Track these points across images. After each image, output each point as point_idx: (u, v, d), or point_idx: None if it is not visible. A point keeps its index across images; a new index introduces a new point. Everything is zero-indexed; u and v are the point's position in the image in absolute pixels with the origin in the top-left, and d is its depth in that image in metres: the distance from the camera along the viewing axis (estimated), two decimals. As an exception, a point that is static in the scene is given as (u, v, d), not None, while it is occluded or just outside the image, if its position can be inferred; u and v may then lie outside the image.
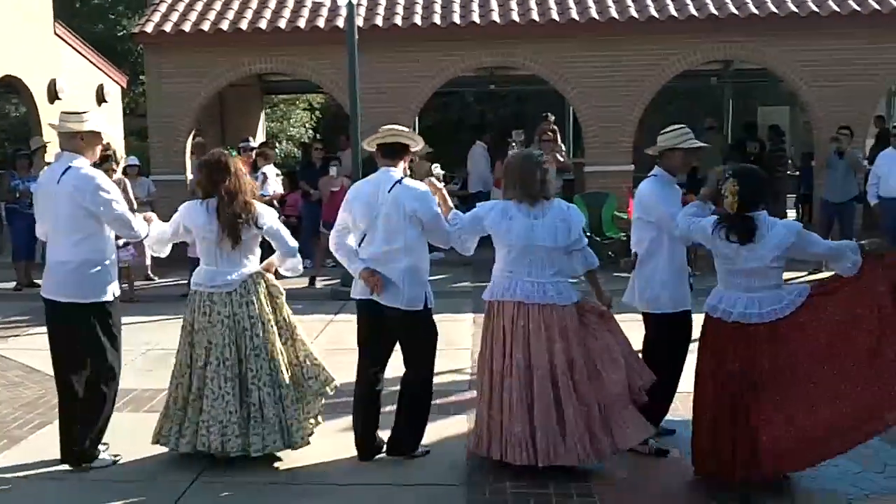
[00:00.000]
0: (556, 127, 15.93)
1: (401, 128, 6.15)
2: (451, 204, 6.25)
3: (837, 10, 14.79)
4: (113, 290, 5.96)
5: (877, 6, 14.81)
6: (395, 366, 6.14)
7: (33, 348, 9.15)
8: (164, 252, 6.48)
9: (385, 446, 6.10)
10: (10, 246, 13.52)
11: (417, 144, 6.12)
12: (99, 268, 5.86)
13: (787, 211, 19.42)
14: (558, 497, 5.39)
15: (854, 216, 13.54)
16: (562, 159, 15.29)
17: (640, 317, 6.25)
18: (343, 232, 6.11)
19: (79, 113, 5.99)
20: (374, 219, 5.84)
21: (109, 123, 22.31)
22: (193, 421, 5.90)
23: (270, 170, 13.64)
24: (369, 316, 5.98)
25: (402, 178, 5.93)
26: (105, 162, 12.33)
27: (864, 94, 15.16)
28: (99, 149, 6.20)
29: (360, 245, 5.98)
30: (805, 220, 18.73)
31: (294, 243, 6.34)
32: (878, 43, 14.93)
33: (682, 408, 6.41)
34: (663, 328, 6.07)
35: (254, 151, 12.78)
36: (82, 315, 5.81)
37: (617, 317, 5.92)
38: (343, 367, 7.29)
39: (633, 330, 6.06)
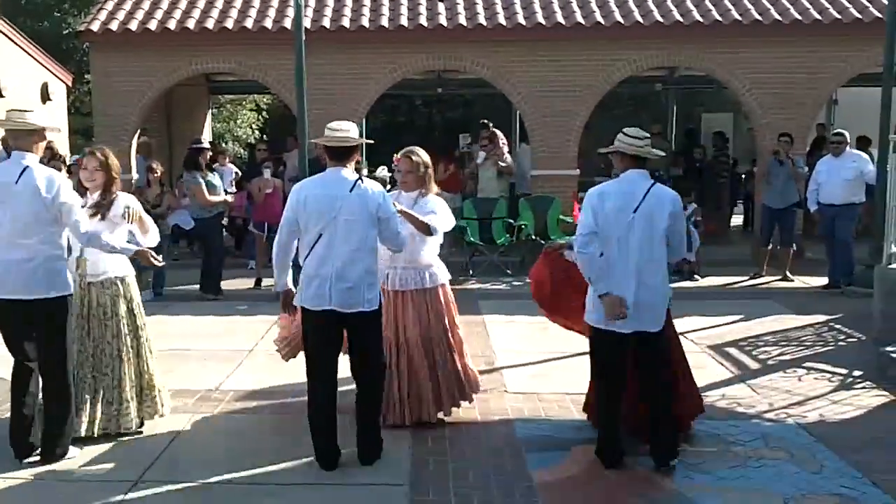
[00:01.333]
0: (494, 131, 16.06)
1: (347, 128, 5.95)
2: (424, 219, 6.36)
3: (780, 18, 15.04)
4: (71, 282, 6.05)
5: (818, 16, 15.09)
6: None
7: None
8: None
9: (360, 457, 5.94)
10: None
11: (358, 142, 6.06)
12: (61, 262, 5.97)
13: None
14: (501, 498, 5.43)
15: (794, 222, 13.76)
16: (503, 164, 15.46)
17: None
18: (293, 235, 5.92)
19: (24, 111, 6.01)
20: (332, 220, 5.70)
21: (54, 122, 22.03)
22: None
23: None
24: (324, 325, 5.81)
25: (360, 178, 5.87)
26: (53, 160, 12.19)
27: (806, 103, 15.39)
28: (44, 146, 6.27)
29: (311, 248, 5.80)
30: (744, 227, 19.08)
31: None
32: (820, 52, 15.19)
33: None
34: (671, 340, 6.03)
35: (207, 151, 12.70)
36: (47, 310, 5.88)
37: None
38: (289, 368, 7.31)
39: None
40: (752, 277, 13.59)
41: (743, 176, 19.31)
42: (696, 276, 13.45)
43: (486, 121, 16.29)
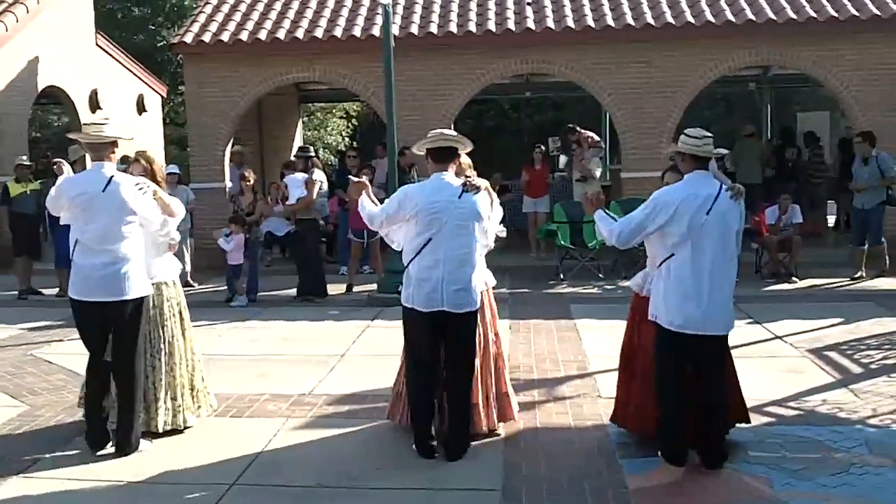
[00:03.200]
0: (581, 135, 16.02)
1: (450, 132, 6.22)
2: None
3: (878, 13, 14.63)
4: (148, 285, 6.41)
5: (918, 9, 14.63)
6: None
7: (76, 353, 9.24)
8: None
9: (448, 452, 6.07)
10: (53, 253, 13.66)
11: (466, 147, 6.28)
12: (141, 266, 6.30)
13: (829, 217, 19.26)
14: (594, 502, 5.34)
15: (880, 220, 13.35)
16: (590, 167, 15.50)
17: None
18: (389, 225, 6.24)
19: (100, 124, 6.39)
20: (443, 225, 5.93)
21: (149, 132, 22.66)
22: None
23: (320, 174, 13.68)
24: (433, 325, 6.00)
25: (465, 182, 6.09)
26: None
27: (906, 98, 14.91)
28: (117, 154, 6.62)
29: (418, 252, 5.99)
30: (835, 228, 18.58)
31: None
32: (920, 46, 14.71)
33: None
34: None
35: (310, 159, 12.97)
36: (126, 311, 6.20)
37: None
38: (381, 373, 7.34)
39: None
40: (852, 280, 13.25)
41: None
42: (794, 279, 13.14)
43: (572, 125, 16.20)
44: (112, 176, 6.19)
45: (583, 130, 16.40)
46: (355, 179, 6.56)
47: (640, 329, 6.21)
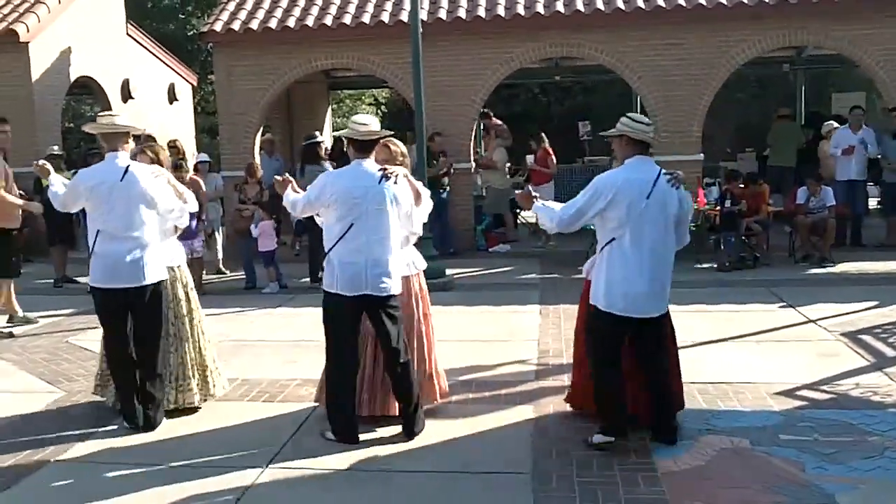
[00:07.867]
0: (489, 122, 16.13)
1: (369, 121, 6.23)
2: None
3: (914, -10, 14.39)
4: (166, 268, 6.73)
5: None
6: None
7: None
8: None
9: (406, 432, 6.27)
10: (85, 242, 13.76)
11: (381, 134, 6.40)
12: (159, 250, 6.65)
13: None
14: (625, 488, 5.33)
15: None
16: (494, 157, 15.64)
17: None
18: (308, 212, 6.47)
19: (112, 115, 6.77)
20: (364, 211, 6.02)
21: (181, 121, 22.80)
22: None
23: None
24: (356, 310, 6.13)
25: (383, 169, 6.18)
26: (178, 170, 11.63)
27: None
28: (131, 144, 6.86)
29: (341, 236, 6.05)
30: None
31: None
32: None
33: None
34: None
35: (322, 144, 12.93)
36: (149, 294, 6.52)
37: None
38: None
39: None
40: None
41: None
42: (827, 262, 12.98)
43: (486, 109, 16.27)
44: (128, 165, 6.46)
45: (494, 118, 16.50)
46: (278, 178, 6.71)
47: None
